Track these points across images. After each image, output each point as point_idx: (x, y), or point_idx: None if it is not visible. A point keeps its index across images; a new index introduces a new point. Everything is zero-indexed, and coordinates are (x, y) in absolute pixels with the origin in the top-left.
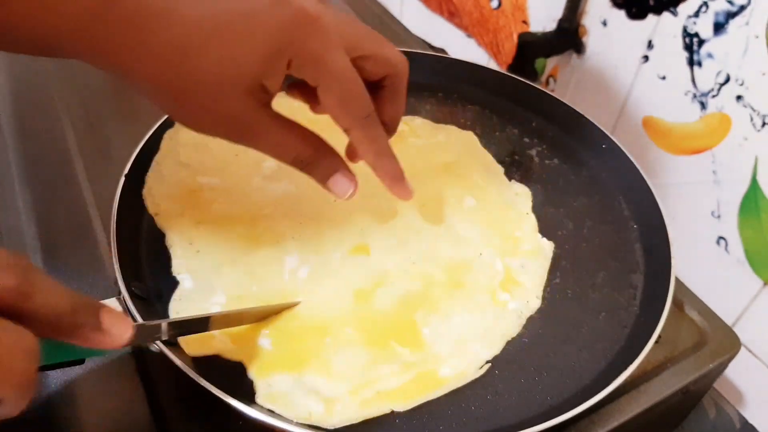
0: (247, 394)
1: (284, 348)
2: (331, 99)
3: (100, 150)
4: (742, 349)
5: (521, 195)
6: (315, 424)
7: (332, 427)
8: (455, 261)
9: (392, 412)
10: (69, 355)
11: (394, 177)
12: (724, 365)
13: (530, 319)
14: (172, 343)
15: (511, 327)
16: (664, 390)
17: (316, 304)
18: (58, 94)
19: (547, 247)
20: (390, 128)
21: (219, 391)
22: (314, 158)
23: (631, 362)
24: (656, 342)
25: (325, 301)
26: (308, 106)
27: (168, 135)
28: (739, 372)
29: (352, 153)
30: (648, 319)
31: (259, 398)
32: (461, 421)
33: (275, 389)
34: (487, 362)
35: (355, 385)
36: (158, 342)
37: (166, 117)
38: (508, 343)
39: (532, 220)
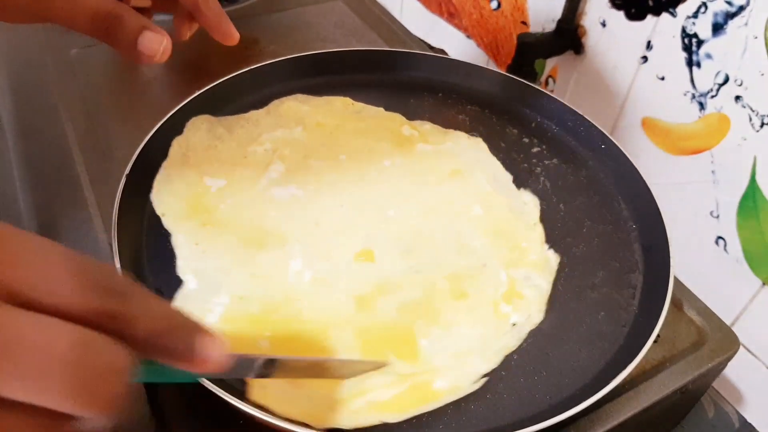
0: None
1: (281, 350)
2: None
3: (102, 150)
4: (741, 348)
5: (529, 204)
6: (305, 422)
7: (322, 427)
8: (459, 270)
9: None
10: (165, 377)
11: (221, 13)
12: (722, 364)
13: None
14: None
15: (511, 341)
16: (662, 389)
17: (318, 308)
18: (59, 94)
19: (553, 259)
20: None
21: (222, 391)
22: (115, 15)
23: (630, 361)
24: (655, 341)
25: (326, 306)
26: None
27: (176, 142)
28: (737, 371)
29: (179, 29)
30: (647, 319)
31: (252, 395)
32: (461, 419)
33: (269, 389)
34: (484, 376)
35: (347, 393)
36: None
37: (168, 116)
38: None
39: (539, 231)
